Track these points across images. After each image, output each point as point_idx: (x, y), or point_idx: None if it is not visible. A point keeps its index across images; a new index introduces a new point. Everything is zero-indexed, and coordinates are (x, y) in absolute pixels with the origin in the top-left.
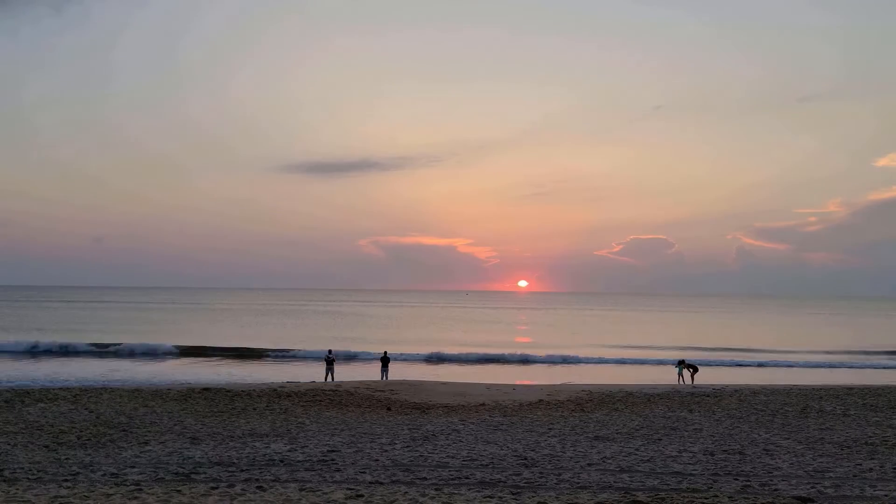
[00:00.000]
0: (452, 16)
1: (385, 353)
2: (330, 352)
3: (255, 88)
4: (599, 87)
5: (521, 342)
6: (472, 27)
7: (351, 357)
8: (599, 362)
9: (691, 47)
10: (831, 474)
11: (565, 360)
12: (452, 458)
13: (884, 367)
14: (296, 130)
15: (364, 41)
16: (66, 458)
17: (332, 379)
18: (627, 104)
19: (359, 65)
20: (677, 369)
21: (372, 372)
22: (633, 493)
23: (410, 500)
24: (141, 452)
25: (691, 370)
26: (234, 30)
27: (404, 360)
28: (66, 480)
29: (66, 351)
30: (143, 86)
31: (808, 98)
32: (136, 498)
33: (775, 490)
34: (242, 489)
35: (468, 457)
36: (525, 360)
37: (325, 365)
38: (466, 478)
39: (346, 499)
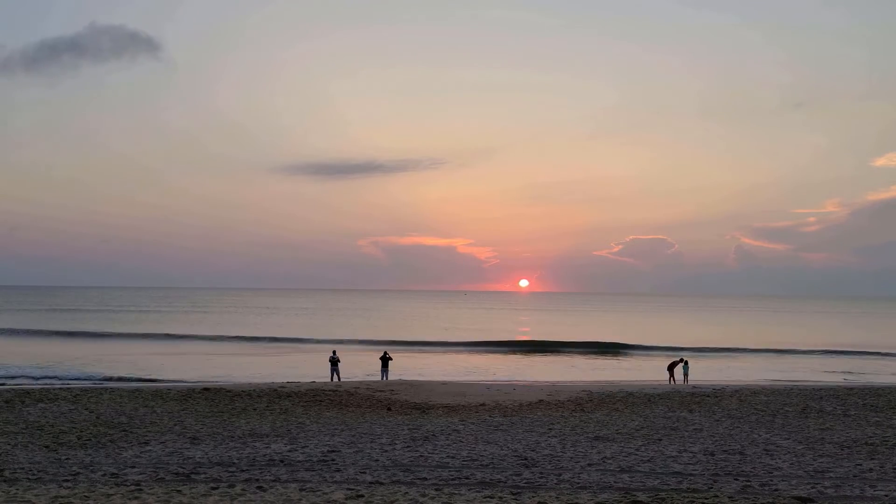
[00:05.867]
0: (451, 17)
1: (385, 352)
2: (334, 352)
3: (255, 90)
4: (599, 90)
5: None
6: (472, 28)
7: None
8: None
9: (691, 50)
10: (831, 474)
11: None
12: (452, 458)
13: (884, 367)
14: (296, 132)
15: (366, 42)
16: (67, 459)
17: (338, 379)
18: (628, 107)
19: (361, 65)
20: (683, 368)
21: (372, 372)
22: (634, 493)
23: (410, 500)
24: (141, 452)
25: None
26: (231, 29)
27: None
28: (67, 480)
29: None
30: (136, 88)
31: (807, 99)
32: (136, 498)
33: (775, 490)
34: (243, 489)
35: (468, 457)
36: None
37: (329, 366)
38: (466, 478)
39: (346, 499)
